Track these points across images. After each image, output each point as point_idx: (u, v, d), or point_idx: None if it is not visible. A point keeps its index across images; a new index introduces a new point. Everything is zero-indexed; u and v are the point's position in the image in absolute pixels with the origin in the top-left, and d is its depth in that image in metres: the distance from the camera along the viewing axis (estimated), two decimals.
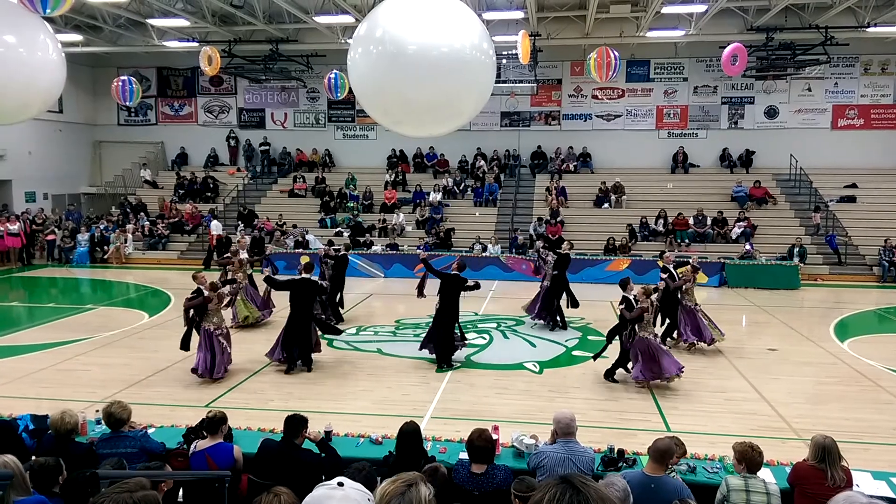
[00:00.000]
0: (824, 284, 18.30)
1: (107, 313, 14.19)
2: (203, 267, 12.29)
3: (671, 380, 8.98)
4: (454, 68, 5.07)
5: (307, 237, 20.66)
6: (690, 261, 12.41)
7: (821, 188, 21.68)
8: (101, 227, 22.23)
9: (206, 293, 9.29)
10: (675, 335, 11.22)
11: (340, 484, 2.19)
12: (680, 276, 11.20)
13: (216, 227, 21.38)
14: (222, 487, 4.27)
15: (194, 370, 9.28)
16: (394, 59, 5.04)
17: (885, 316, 14.71)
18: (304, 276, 10.18)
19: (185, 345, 9.28)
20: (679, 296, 11.02)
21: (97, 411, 5.99)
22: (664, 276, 10.93)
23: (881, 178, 22.12)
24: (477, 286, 10.46)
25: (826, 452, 4.58)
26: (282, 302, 11.42)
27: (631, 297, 9.09)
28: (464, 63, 5.13)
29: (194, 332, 9.38)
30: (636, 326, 9.08)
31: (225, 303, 10.10)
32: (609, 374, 9.49)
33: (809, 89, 23.16)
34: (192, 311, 9.31)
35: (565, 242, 13.83)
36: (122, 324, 12.92)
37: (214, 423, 5.16)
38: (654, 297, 9.22)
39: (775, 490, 4.47)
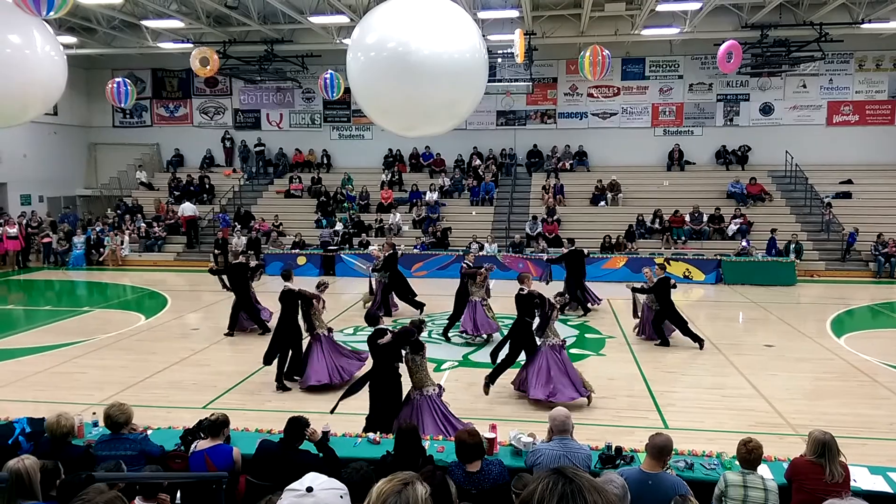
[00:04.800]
0: (820, 280, 18.34)
1: (103, 315, 14.16)
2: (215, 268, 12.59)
3: None
4: (451, 70, 5.07)
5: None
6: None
7: (816, 184, 21.71)
8: (97, 229, 22.17)
9: None
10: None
11: (309, 489, 2.10)
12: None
13: (189, 209, 22.08)
14: (219, 489, 4.26)
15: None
16: (390, 63, 5.04)
17: (880, 311, 14.74)
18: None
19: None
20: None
21: (94, 413, 5.98)
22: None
23: (876, 174, 22.15)
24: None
25: (825, 448, 4.57)
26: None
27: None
28: (460, 65, 5.13)
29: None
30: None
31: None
32: None
33: (804, 86, 23.18)
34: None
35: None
36: (119, 326, 12.88)
37: (216, 426, 5.14)
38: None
39: (773, 486, 4.47)
